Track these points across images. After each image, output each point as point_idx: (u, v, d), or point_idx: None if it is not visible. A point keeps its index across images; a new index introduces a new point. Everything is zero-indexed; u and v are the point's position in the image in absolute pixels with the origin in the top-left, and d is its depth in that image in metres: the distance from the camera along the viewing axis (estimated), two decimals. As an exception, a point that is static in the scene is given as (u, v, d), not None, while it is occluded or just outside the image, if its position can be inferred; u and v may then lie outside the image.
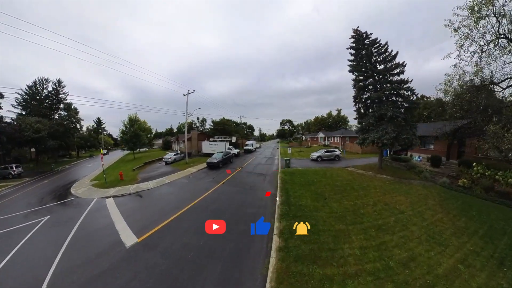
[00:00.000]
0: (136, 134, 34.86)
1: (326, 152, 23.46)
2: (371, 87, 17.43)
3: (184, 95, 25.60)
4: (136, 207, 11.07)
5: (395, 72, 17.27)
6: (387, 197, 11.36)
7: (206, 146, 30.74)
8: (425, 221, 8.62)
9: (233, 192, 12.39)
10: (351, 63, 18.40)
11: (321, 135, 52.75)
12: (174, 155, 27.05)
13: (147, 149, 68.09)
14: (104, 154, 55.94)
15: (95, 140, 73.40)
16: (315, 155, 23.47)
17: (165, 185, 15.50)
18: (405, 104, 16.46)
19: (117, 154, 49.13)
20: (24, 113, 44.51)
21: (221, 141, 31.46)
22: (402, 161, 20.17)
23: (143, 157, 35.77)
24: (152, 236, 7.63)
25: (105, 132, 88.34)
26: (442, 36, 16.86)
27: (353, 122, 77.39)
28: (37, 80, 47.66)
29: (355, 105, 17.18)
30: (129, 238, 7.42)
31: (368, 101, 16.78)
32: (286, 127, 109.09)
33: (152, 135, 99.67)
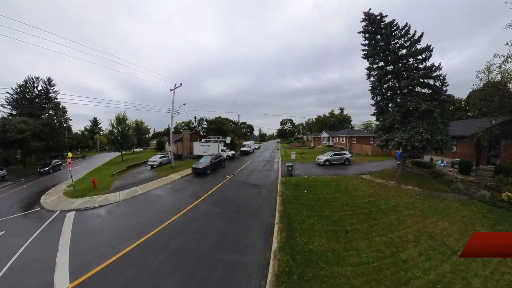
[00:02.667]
0: (123, 135, 32.02)
1: (334, 155, 20.08)
2: (389, 76, 14.15)
3: (171, 90, 22.50)
4: (90, 229, 8.87)
5: (420, 58, 14.04)
6: (428, 223, 8.17)
7: (198, 148, 27.54)
8: (487, 267, 5.85)
9: (213, 216, 9.04)
10: (366, 48, 15.12)
11: (324, 135, 49.00)
12: (160, 157, 23.86)
13: (141, 149, 65.59)
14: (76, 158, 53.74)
15: (89, 140, 70.89)
16: (321, 158, 20.06)
17: (135, 198, 12.73)
18: (435, 97, 13.17)
19: (108, 156, 46.14)
20: (14, 112, 43.18)
21: (215, 141, 28.26)
22: (425, 167, 16.80)
23: (131, 159, 33.03)
24: (86, 282, 5.63)
25: (101, 132, 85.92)
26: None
27: (356, 122, 73.95)
28: (28, 78, 45.96)
29: (373, 97, 13.80)
30: (61, 280, 5.79)
31: (389, 93, 13.44)
32: (286, 127, 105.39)
33: (150, 135, 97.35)
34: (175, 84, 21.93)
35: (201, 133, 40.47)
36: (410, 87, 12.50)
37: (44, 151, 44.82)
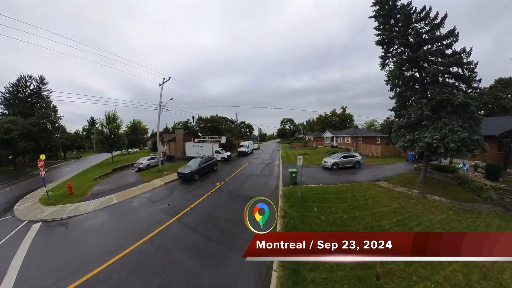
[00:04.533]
0: (113, 134, 30.05)
1: (343, 157, 17.62)
2: (409, 64, 11.87)
3: (159, 85, 20.40)
4: (46, 248, 7.57)
5: (445, 43, 11.86)
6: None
7: (190, 148, 25.33)
8: None
9: (186, 246, 6.61)
10: (380, 32, 12.92)
11: (328, 134, 46.49)
12: (148, 159, 21.71)
13: (138, 150, 63.86)
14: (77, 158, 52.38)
15: (84, 140, 68.94)
16: (329, 161, 17.54)
17: (107, 209, 10.84)
18: (465, 88, 10.92)
19: (101, 157, 44.22)
20: (7, 112, 42.23)
21: (209, 142, 26.02)
22: (448, 172, 14.47)
23: (121, 161, 31.12)
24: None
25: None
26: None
27: (357, 122, 71.33)
28: (20, 77, 44.68)
29: (392, 89, 11.45)
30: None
31: (411, 83, 11.12)
32: (287, 126, 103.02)
33: (148, 135, 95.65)
34: (164, 79, 19.80)
35: (199, 134, 38.34)
36: (437, 76, 10.21)
37: (37, 152, 43.48)
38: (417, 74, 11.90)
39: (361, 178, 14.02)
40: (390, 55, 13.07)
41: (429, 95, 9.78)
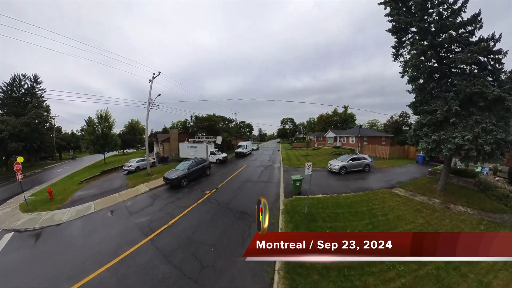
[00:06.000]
0: (104, 135, 28.70)
1: (352, 160, 15.92)
2: (431, 51, 10.31)
3: (149, 81, 18.91)
4: (9, 266, 6.59)
5: (468, 30, 10.37)
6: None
7: (184, 149, 23.81)
8: None
9: (155, 281, 5.07)
10: (394, 19, 11.40)
11: (330, 134, 44.74)
12: (138, 161, 20.26)
13: (135, 150, 62.68)
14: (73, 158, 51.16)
15: (79, 140, 67.59)
16: (336, 165, 15.72)
17: (81, 219, 9.73)
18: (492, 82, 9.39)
19: (97, 158, 42.77)
20: (1, 112, 41.42)
21: (205, 142, 24.49)
22: (468, 177, 12.88)
23: (112, 162, 29.83)
24: None
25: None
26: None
27: (358, 122, 69.53)
28: (15, 76, 43.63)
29: (411, 81, 9.84)
30: None
31: (432, 74, 9.51)
32: (287, 126, 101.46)
33: (148, 135, 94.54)
34: (153, 74, 18.30)
35: (198, 134, 36.79)
36: (464, 65, 8.66)
37: (32, 152, 42.43)
38: (436, 64, 10.42)
39: (374, 184, 12.32)
40: (404, 44, 11.62)
41: (455, 87, 8.17)
